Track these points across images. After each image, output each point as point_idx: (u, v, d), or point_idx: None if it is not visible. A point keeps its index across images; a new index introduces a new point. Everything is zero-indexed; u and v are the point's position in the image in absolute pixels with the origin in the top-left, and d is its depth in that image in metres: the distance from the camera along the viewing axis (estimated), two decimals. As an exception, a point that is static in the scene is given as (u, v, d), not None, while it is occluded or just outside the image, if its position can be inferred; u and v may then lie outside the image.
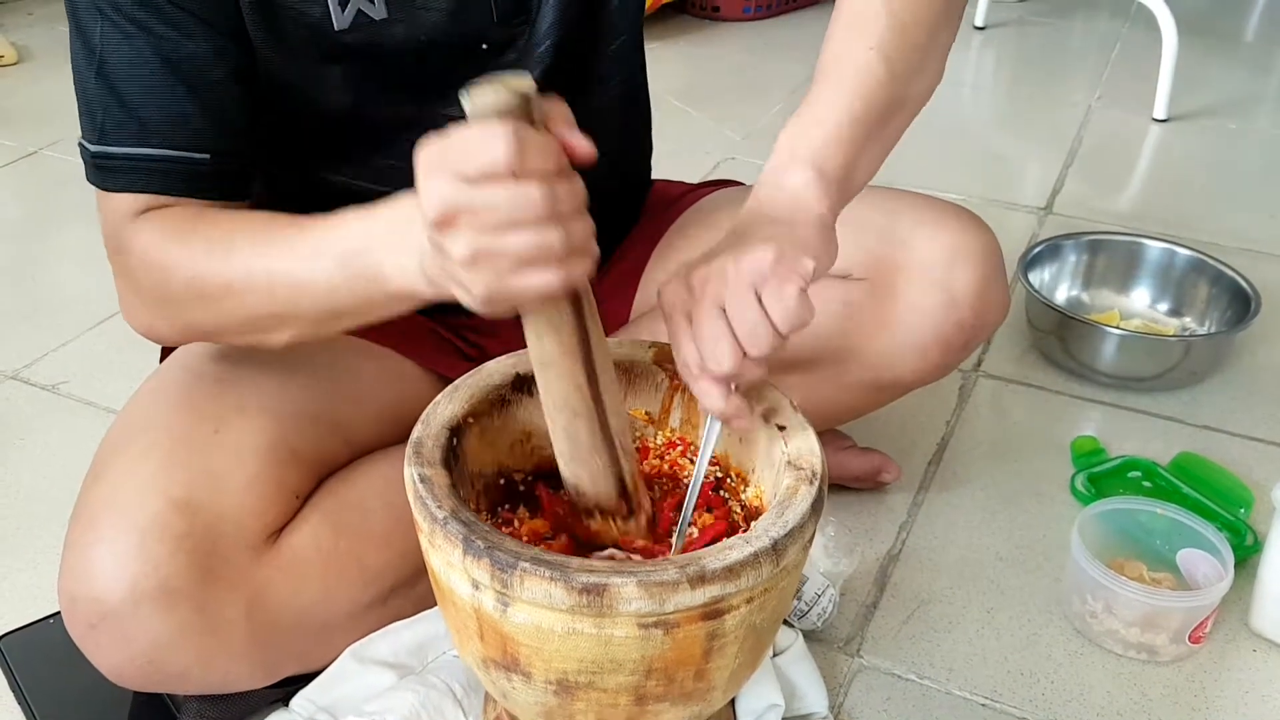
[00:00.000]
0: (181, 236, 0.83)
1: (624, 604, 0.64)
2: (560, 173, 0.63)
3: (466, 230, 0.63)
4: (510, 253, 0.63)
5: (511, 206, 0.62)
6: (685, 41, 2.69)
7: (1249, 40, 2.84)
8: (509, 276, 0.64)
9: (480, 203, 0.62)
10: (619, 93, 1.04)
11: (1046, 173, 2.07)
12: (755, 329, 0.68)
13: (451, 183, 0.62)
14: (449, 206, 0.63)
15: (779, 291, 0.68)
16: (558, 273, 0.64)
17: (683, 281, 0.72)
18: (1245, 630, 1.09)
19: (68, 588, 0.82)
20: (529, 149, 0.61)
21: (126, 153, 0.83)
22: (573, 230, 0.64)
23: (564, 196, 0.63)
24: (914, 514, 1.24)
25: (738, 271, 0.69)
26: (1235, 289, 1.50)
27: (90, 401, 1.42)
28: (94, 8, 0.81)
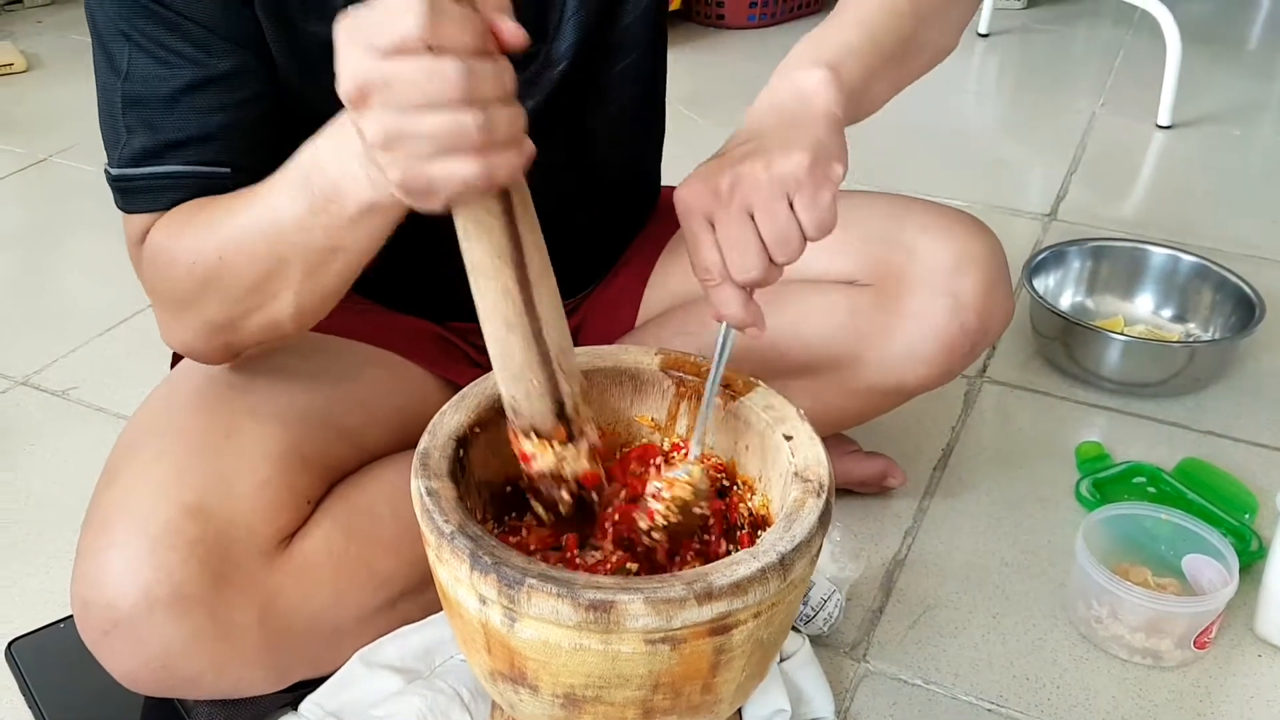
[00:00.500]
0: (178, 229, 0.83)
1: (631, 620, 0.64)
2: (482, 51, 0.60)
3: (378, 108, 0.61)
4: (424, 134, 0.60)
5: (424, 82, 0.59)
6: (690, 49, 2.69)
7: (1252, 47, 2.84)
8: (425, 162, 0.61)
9: (391, 77, 0.59)
10: (631, 107, 1.05)
11: (1051, 179, 2.07)
12: (787, 235, 0.68)
13: (363, 56, 0.60)
14: (360, 81, 0.60)
15: (814, 198, 0.68)
16: (477, 163, 0.61)
17: (704, 184, 0.69)
18: (1250, 636, 1.09)
19: (80, 593, 0.83)
20: (444, 21, 0.58)
21: (148, 172, 0.83)
22: (495, 116, 0.61)
23: (485, 77, 0.60)
24: (919, 519, 1.24)
25: (771, 178, 0.67)
26: (1239, 295, 1.50)
27: (101, 407, 1.43)
28: (119, 33, 0.82)
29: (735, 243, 0.69)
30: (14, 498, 1.28)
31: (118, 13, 0.81)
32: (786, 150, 0.68)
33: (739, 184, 0.68)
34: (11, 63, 2.52)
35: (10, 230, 1.91)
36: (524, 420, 0.75)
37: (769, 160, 0.68)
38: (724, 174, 0.69)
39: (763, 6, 2.79)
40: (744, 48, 2.69)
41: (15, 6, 2.96)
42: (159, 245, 0.84)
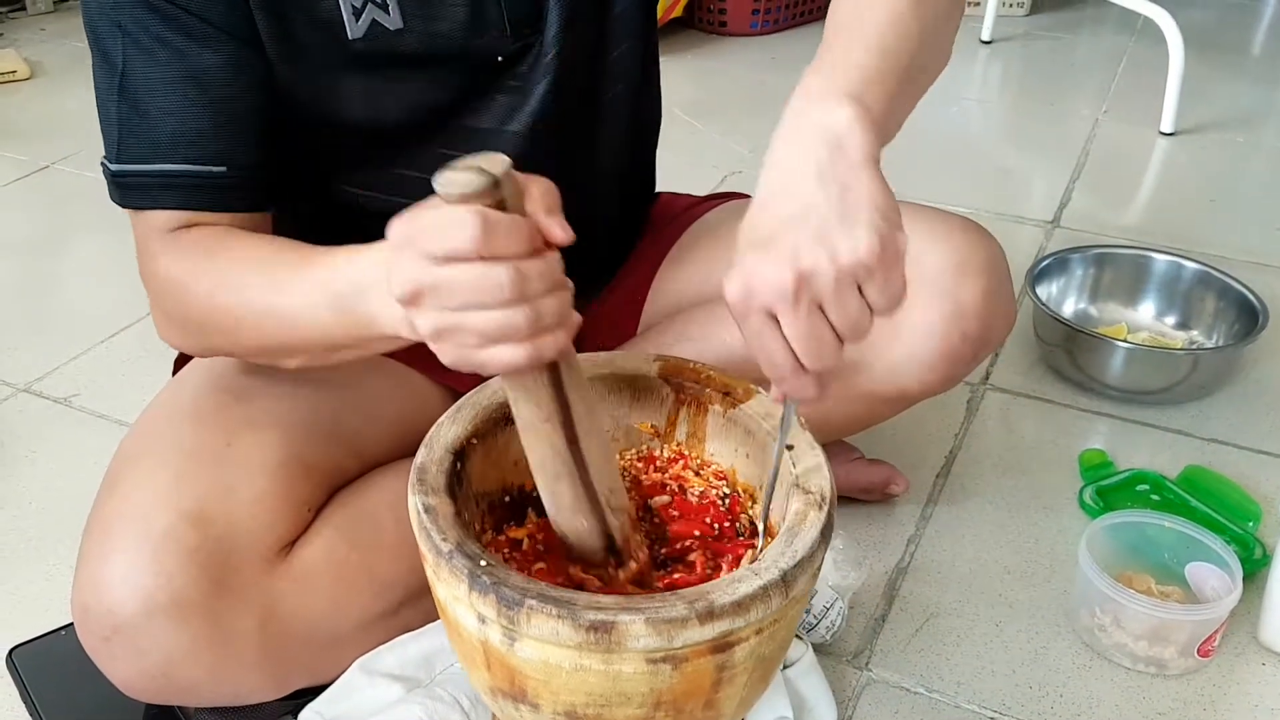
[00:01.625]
0: (197, 269, 0.84)
1: (632, 641, 0.63)
2: (531, 253, 0.63)
3: (431, 308, 0.64)
4: (474, 330, 0.63)
5: (474, 288, 0.62)
6: (693, 55, 2.70)
7: (1256, 54, 2.84)
8: (474, 351, 0.64)
9: (444, 283, 0.62)
10: (627, 96, 1.05)
11: (1054, 186, 2.07)
12: (859, 323, 0.64)
13: (417, 262, 0.63)
14: (414, 286, 0.63)
15: (887, 282, 0.63)
16: (523, 350, 0.64)
17: (759, 278, 0.63)
18: (1254, 644, 1.09)
19: (81, 600, 0.83)
20: (494, 234, 0.61)
21: (145, 169, 0.84)
22: (543, 307, 0.64)
23: (534, 276, 0.63)
24: (922, 527, 1.24)
25: (840, 271, 0.61)
26: (1243, 302, 1.50)
27: (102, 414, 1.43)
28: (115, 26, 0.82)
29: (808, 339, 0.63)
30: (16, 505, 1.28)
31: (114, 5, 0.82)
32: (850, 232, 0.62)
33: (806, 282, 0.62)
34: (14, 70, 2.53)
35: (13, 237, 1.91)
36: (575, 553, 0.77)
37: (834, 249, 0.61)
38: (781, 267, 0.62)
39: (765, 14, 2.79)
40: (746, 55, 2.69)
41: (18, 14, 2.96)
42: (173, 277, 0.85)
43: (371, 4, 0.86)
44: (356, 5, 0.86)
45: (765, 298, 0.63)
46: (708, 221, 1.15)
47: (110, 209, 0.89)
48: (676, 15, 2.74)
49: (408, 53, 0.89)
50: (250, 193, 0.87)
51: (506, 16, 0.91)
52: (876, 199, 0.63)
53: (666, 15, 2.68)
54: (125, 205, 0.86)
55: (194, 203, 0.85)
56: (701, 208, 1.18)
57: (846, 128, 0.65)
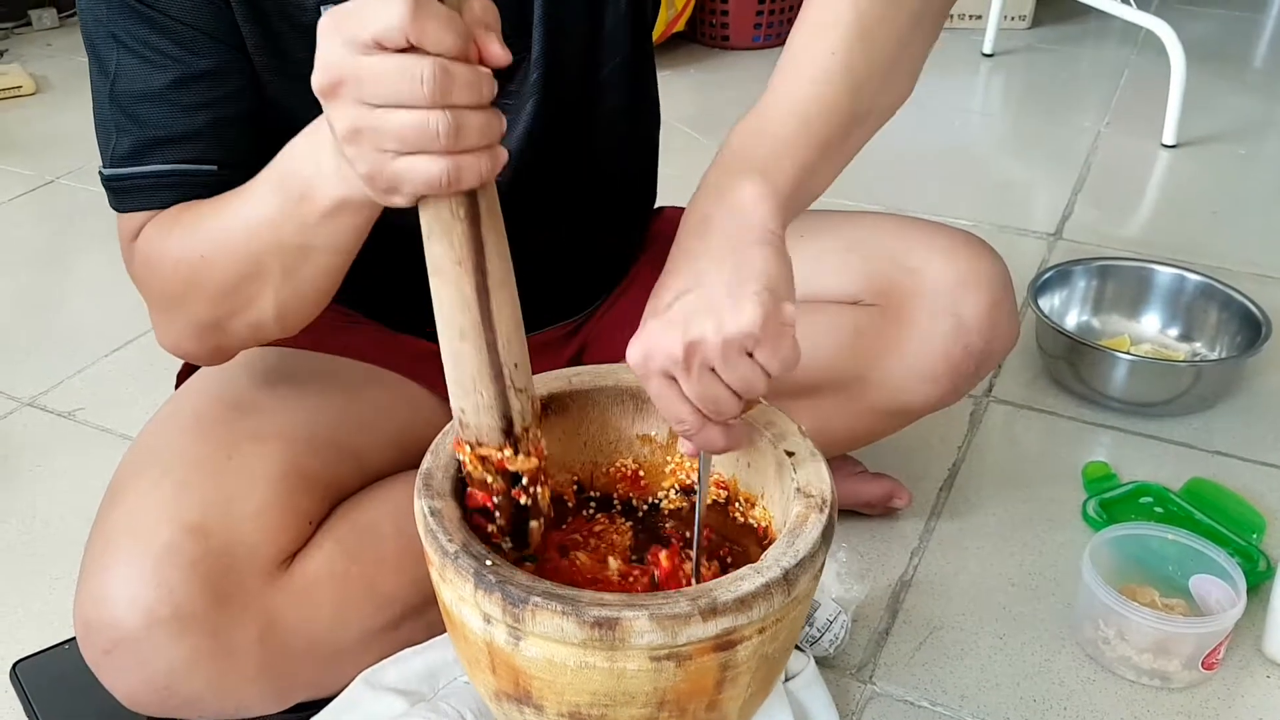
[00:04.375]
0: (167, 229, 0.84)
1: (636, 637, 0.64)
2: (461, 55, 0.60)
3: (349, 100, 0.61)
4: (389, 131, 0.61)
5: (396, 79, 0.59)
6: (695, 69, 2.71)
7: (1258, 66, 2.84)
8: (389, 160, 0.62)
9: (365, 71, 0.60)
10: (622, 111, 1.05)
11: (1056, 199, 2.07)
12: (752, 382, 0.68)
13: (340, 48, 0.60)
14: (334, 74, 0.61)
15: (774, 349, 0.66)
16: (441, 164, 0.61)
17: (655, 344, 0.68)
18: (1259, 656, 1.08)
19: (83, 613, 0.83)
20: (425, 19, 0.58)
21: (137, 171, 0.84)
22: (467, 120, 0.61)
23: (461, 81, 0.60)
24: (926, 540, 1.24)
25: (727, 340, 0.66)
26: (1245, 314, 1.50)
27: (106, 428, 1.43)
28: (109, 35, 0.83)
29: (705, 397, 0.68)
30: (19, 518, 1.28)
31: (106, 15, 0.83)
32: (736, 305, 0.66)
33: (695, 350, 0.66)
34: (20, 85, 2.54)
35: (18, 251, 1.92)
36: (470, 433, 0.73)
37: (719, 321, 0.66)
38: (673, 336, 0.67)
39: (768, 27, 2.80)
40: (749, 68, 2.70)
41: (24, 29, 2.98)
42: (149, 246, 0.85)
43: None
44: None
45: (660, 363, 0.68)
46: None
47: (114, 224, 0.89)
48: (679, 29, 2.74)
49: None
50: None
51: None
52: (767, 273, 0.67)
53: (669, 29, 2.69)
54: (120, 209, 0.86)
55: (183, 200, 0.85)
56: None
57: (749, 204, 0.69)
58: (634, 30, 1.00)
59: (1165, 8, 3.06)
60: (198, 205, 0.84)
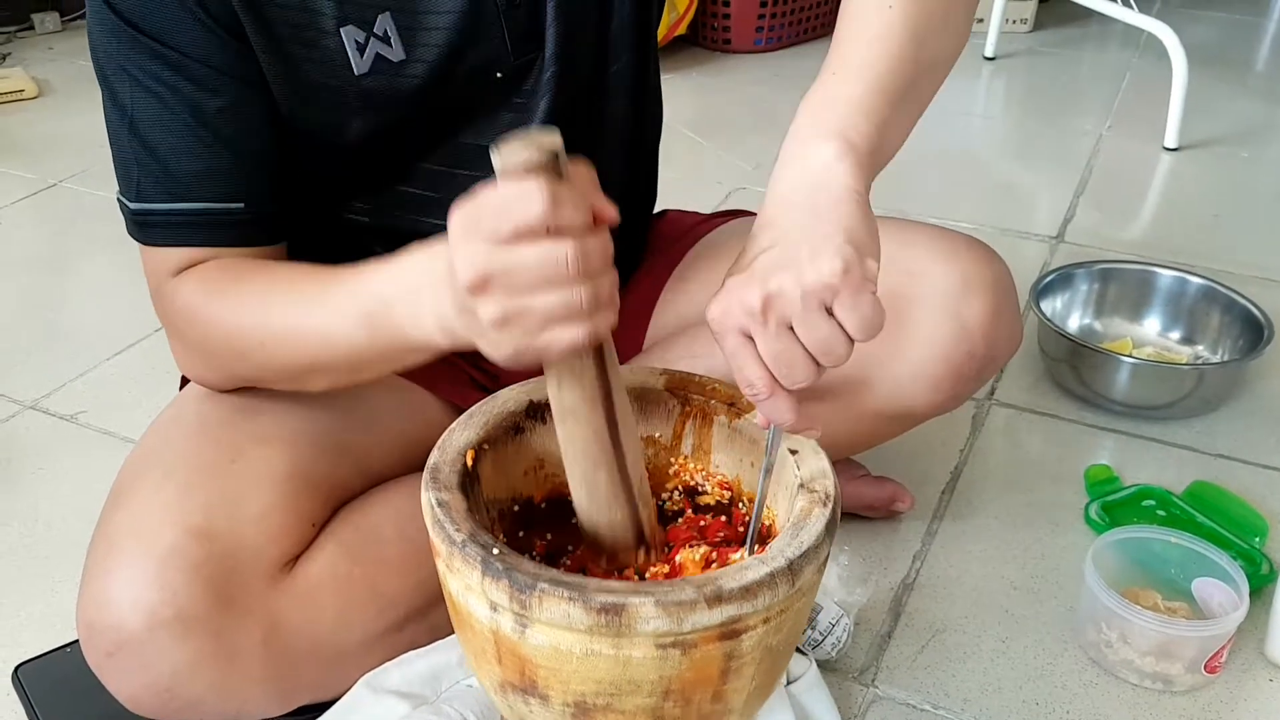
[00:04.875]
0: (219, 295, 0.85)
1: (642, 624, 0.64)
2: (589, 227, 0.63)
3: (499, 293, 0.64)
4: (540, 312, 0.64)
5: (544, 266, 0.62)
6: (697, 72, 2.71)
7: (1259, 69, 2.85)
8: (537, 334, 0.65)
9: (514, 265, 0.62)
10: (627, 110, 1.05)
11: (1058, 202, 2.07)
12: (831, 343, 0.66)
13: (485, 247, 0.63)
14: (483, 272, 0.63)
15: (854, 303, 0.66)
16: (583, 328, 0.64)
17: (736, 301, 0.68)
18: (1261, 659, 1.08)
19: (86, 615, 0.83)
20: (563, 205, 0.61)
21: (165, 209, 0.85)
22: (600, 285, 0.64)
23: (595, 252, 0.63)
24: (928, 543, 1.24)
25: (805, 291, 0.65)
26: (1248, 317, 1.50)
27: (109, 431, 1.44)
28: (121, 70, 0.83)
29: (780, 358, 0.67)
30: (22, 521, 1.28)
31: (118, 50, 0.83)
32: (815, 257, 0.65)
33: (773, 302, 0.66)
34: (23, 89, 2.54)
35: (20, 254, 1.92)
36: (605, 548, 0.78)
37: (799, 272, 0.65)
38: (752, 289, 0.67)
39: (769, 30, 2.80)
40: (751, 71, 2.70)
41: (26, 33, 2.98)
42: (193, 304, 0.86)
43: (374, 38, 0.87)
44: (360, 41, 0.86)
45: (736, 318, 0.67)
46: (713, 239, 1.15)
47: (116, 227, 0.89)
48: (681, 33, 2.75)
49: (413, 80, 0.89)
50: (268, 226, 0.89)
51: (507, 34, 0.92)
52: (849, 228, 0.67)
53: (671, 32, 2.69)
54: (148, 243, 0.88)
55: (216, 240, 0.87)
56: (707, 225, 1.18)
57: (828, 164, 0.70)
58: (639, 31, 1.01)
59: (1167, 11, 3.06)
60: (254, 276, 0.85)
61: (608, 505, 0.75)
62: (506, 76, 0.94)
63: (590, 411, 0.71)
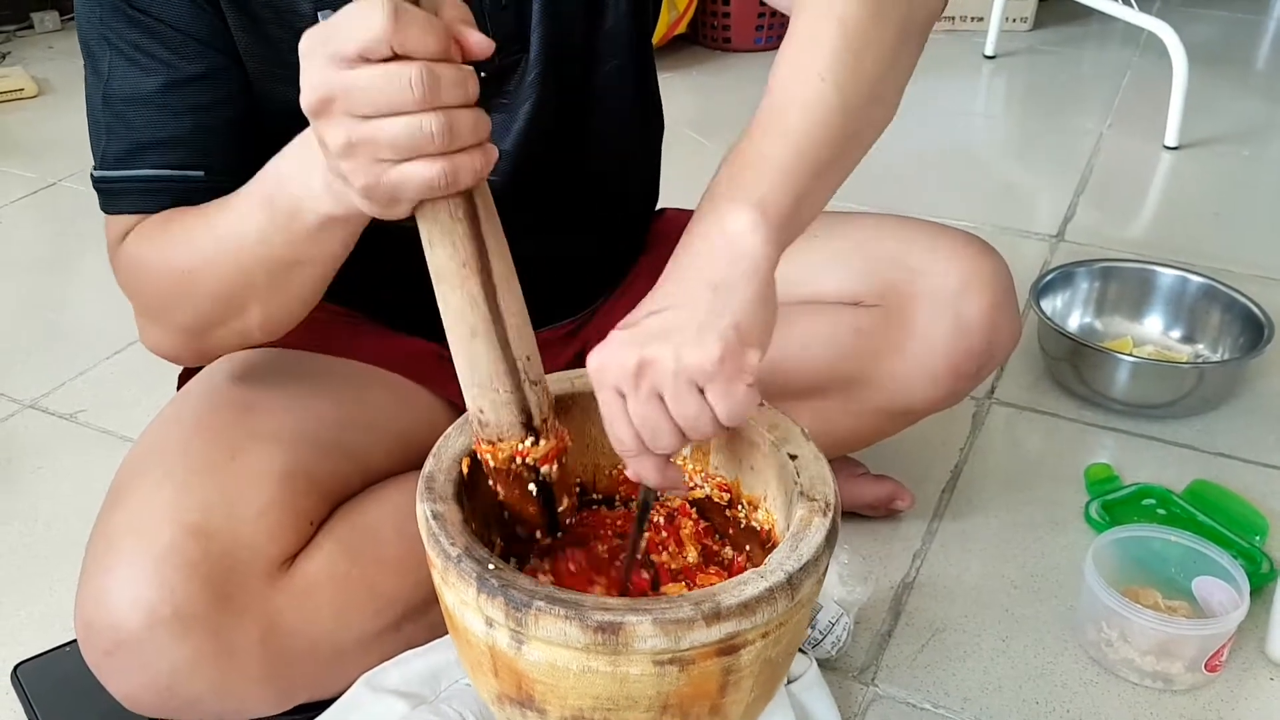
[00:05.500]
0: (152, 238, 0.85)
1: (639, 642, 0.64)
2: (444, 56, 0.61)
3: (340, 116, 0.62)
4: (384, 140, 0.62)
5: (385, 88, 0.60)
6: (697, 71, 2.71)
7: (1260, 68, 2.84)
8: (387, 167, 0.63)
9: (353, 84, 0.61)
10: (621, 112, 1.05)
11: (1058, 200, 2.07)
12: (698, 421, 0.66)
13: (326, 66, 0.61)
14: (323, 91, 0.62)
15: (726, 391, 0.65)
16: (438, 165, 0.62)
17: (613, 356, 0.67)
18: (1262, 658, 1.08)
19: (84, 614, 0.83)
20: (406, 25, 0.59)
21: (127, 175, 0.85)
22: (458, 120, 0.62)
23: (447, 81, 0.61)
24: (928, 542, 1.24)
25: (679, 370, 0.65)
26: (1248, 316, 1.49)
27: (107, 430, 1.43)
28: (102, 39, 0.84)
29: (646, 423, 0.67)
30: (20, 520, 1.28)
31: (100, 18, 0.83)
32: (699, 338, 0.65)
33: (645, 369, 0.66)
34: (22, 88, 2.54)
35: (20, 253, 1.92)
36: (490, 431, 0.74)
37: (678, 350, 0.65)
38: (631, 351, 0.66)
39: (770, 29, 2.80)
40: (751, 70, 2.70)
41: (26, 32, 2.98)
42: (134, 252, 0.86)
43: None
44: None
45: (611, 376, 0.67)
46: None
47: (115, 225, 0.89)
48: (680, 31, 2.75)
49: None
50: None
51: (491, 33, 0.91)
52: (740, 315, 0.66)
53: (670, 31, 2.69)
54: (109, 211, 0.88)
55: (169, 206, 0.86)
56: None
57: (741, 232, 0.67)
58: (634, 31, 1.00)
59: (1167, 9, 3.06)
60: (183, 215, 0.84)
61: (488, 381, 0.71)
62: (490, 76, 0.93)
63: (462, 273, 0.67)
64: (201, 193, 0.85)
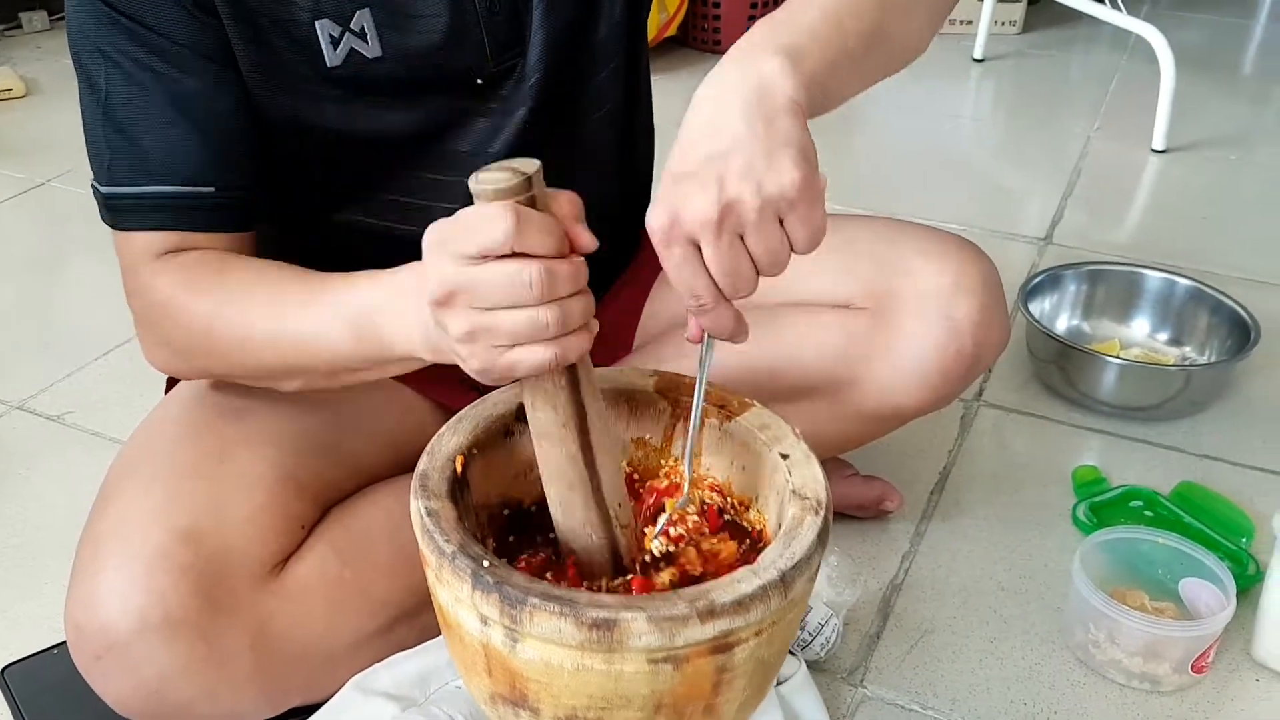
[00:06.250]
0: (198, 288, 0.85)
1: (634, 639, 0.64)
2: (559, 253, 0.65)
3: (464, 309, 0.66)
4: (504, 330, 0.65)
5: (507, 286, 0.64)
6: (687, 73, 2.71)
7: (1247, 72, 2.86)
8: (503, 352, 0.66)
9: (478, 282, 0.64)
10: (612, 118, 1.05)
11: (1046, 203, 2.08)
12: (779, 254, 0.66)
13: (452, 263, 0.65)
14: (449, 287, 0.65)
15: (807, 216, 0.65)
16: (550, 350, 0.66)
17: (686, 206, 0.65)
18: (1248, 660, 1.09)
19: (74, 617, 0.83)
20: (528, 229, 0.63)
21: (136, 192, 0.85)
22: (569, 309, 0.66)
23: (562, 276, 0.65)
24: (917, 543, 1.24)
25: (764, 202, 0.64)
26: (1235, 318, 1.50)
27: (96, 432, 1.43)
28: (96, 51, 0.83)
29: (729, 268, 0.66)
30: (9, 522, 1.27)
31: (95, 31, 0.82)
32: (774, 167, 0.64)
33: (730, 212, 0.64)
34: (10, 88, 2.53)
35: (8, 254, 1.91)
36: (583, 569, 0.78)
37: (759, 182, 0.64)
38: (707, 195, 0.64)
39: (759, 32, 2.80)
40: (740, 73, 2.70)
41: (15, 32, 2.97)
42: (169, 293, 0.86)
43: (349, 33, 0.87)
44: (334, 35, 0.86)
45: (690, 226, 0.65)
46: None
47: (104, 227, 0.89)
48: (671, 34, 2.75)
49: (388, 79, 0.89)
50: (239, 212, 0.88)
51: (487, 40, 0.91)
52: (801, 140, 0.65)
53: (661, 34, 2.69)
54: (118, 228, 0.87)
55: (185, 223, 0.86)
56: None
57: (775, 75, 0.67)
58: (628, 36, 1.01)
59: (1155, 14, 3.07)
60: (243, 272, 0.86)
61: (581, 527, 0.76)
62: (487, 82, 0.93)
63: (563, 434, 0.72)
64: (215, 209, 0.86)
